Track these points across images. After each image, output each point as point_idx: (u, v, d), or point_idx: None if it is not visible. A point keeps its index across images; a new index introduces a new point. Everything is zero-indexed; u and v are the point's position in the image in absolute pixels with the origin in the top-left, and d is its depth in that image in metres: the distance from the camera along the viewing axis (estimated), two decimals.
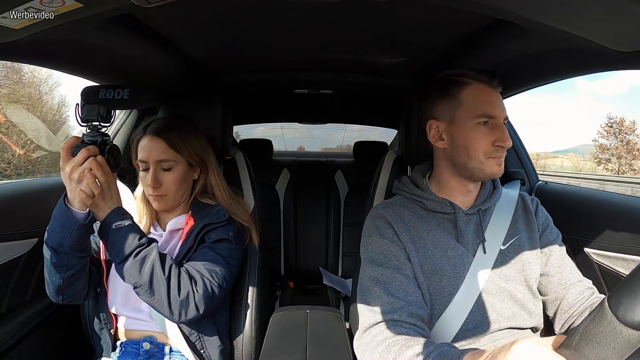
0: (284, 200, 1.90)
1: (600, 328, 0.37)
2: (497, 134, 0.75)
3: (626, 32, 0.61)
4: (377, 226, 0.80)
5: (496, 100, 0.78)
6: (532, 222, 0.82)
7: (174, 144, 0.90)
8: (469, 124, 0.76)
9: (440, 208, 0.79)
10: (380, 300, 0.71)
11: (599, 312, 0.38)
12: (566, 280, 0.78)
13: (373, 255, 0.77)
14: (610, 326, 0.37)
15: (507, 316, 0.74)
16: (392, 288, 0.71)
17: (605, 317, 0.37)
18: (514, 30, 0.76)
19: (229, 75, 1.34)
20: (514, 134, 1.37)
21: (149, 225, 0.96)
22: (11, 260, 0.92)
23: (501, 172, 0.77)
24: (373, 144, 2.19)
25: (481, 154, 0.76)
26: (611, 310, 0.37)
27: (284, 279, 1.90)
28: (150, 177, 0.88)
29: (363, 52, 1.12)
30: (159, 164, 0.89)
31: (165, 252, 0.90)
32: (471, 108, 0.76)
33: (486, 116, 0.76)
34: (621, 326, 0.36)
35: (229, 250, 0.89)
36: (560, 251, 0.81)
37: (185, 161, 0.92)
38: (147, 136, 0.90)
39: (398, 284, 0.72)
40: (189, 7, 0.77)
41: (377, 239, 0.79)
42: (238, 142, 2.13)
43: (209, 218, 0.90)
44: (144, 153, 0.89)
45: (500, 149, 0.75)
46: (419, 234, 0.78)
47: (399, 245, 0.77)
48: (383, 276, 0.73)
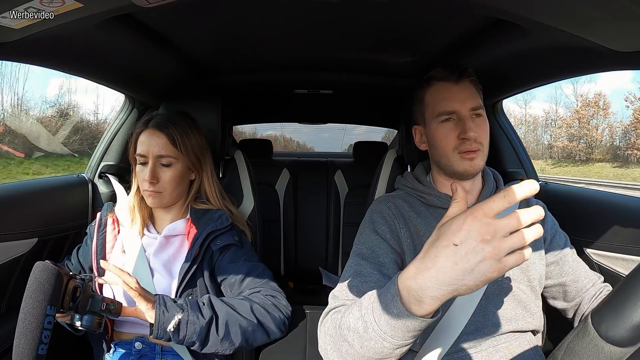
0: (284, 200, 1.90)
1: (583, 344, 0.38)
2: (461, 127, 0.75)
3: (626, 32, 0.61)
4: (373, 221, 0.80)
5: (456, 95, 0.77)
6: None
7: (175, 140, 0.88)
8: (434, 123, 0.79)
9: (442, 203, 0.79)
10: (352, 291, 0.70)
11: (583, 328, 0.38)
12: (582, 286, 0.78)
13: (362, 249, 0.77)
14: (593, 342, 0.37)
15: (509, 318, 0.73)
16: (368, 284, 0.70)
17: (588, 333, 0.38)
18: (514, 30, 0.76)
19: (229, 75, 1.34)
20: (512, 133, 1.37)
21: (142, 226, 0.93)
22: (11, 260, 0.92)
23: (474, 168, 0.76)
24: (373, 144, 2.19)
25: (449, 151, 0.76)
26: (594, 327, 0.38)
27: (284, 279, 1.89)
28: (149, 171, 0.87)
29: (363, 52, 1.12)
30: (158, 159, 0.88)
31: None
32: (433, 108, 0.79)
33: (445, 113, 0.77)
34: (603, 342, 0.37)
35: (248, 253, 0.92)
36: (572, 255, 0.81)
37: (184, 160, 0.91)
38: (149, 130, 0.89)
39: (375, 281, 0.70)
40: (189, 7, 0.77)
41: (369, 233, 0.78)
42: (238, 142, 2.13)
43: (212, 225, 0.89)
44: (144, 147, 0.88)
45: (467, 142, 0.75)
46: (417, 231, 0.78)
47: (390, 244, 0.76)
48: (364, 270, 0.72)
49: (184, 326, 0.72)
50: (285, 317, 0.86)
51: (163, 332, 0.71)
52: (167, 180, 0.89)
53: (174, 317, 0.71)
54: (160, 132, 0.88)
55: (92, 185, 1.21)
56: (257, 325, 0.80)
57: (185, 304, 0.75)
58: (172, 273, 0.88)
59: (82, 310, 0.70)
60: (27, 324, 0.61)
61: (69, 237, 1.10)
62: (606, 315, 0.37)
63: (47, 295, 0.62)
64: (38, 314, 0.61)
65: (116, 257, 0.91)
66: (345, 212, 1.87)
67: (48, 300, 0.62)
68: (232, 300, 0.81)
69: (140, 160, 0.89)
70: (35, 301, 0.62)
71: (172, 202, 0.93)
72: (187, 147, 0.90)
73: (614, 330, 0.36)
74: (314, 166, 2.14)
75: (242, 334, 0.77)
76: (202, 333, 0.74)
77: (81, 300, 0.69)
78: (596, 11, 0.56)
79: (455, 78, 0.77)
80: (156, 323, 0.71)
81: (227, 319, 0.77)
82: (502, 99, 1.33)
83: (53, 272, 0.64)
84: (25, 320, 0.61)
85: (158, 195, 0.89)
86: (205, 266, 0.88)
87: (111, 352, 0.88)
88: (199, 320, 0.74)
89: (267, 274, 0.91)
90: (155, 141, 0.88)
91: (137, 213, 0.93)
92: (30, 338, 0.61)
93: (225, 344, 0.76)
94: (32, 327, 0.61)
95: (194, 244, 0.87)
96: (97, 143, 1.35)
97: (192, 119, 0.97)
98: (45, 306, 0.62)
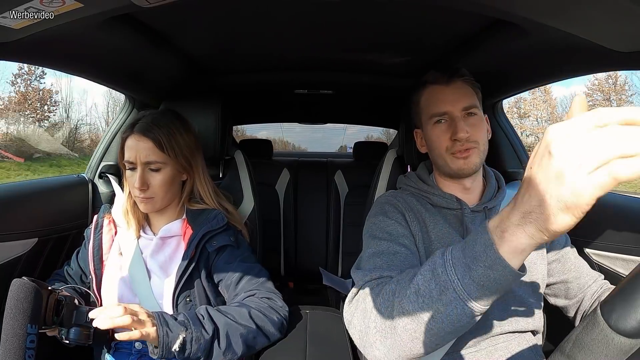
0: (284, 200, 1.90)
1: (592, 335, 0.37)
2: (453, 127, 0.76)
3: (626, 32, 0.61)
4: (385, 210, 0.78)
5: (447, 96, 0.78)
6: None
7: (162, 144, 0.86)
8: (428, 125, 0.80)
9: (447, 204, 0.79)
10: (382, 268, 0.62)
11: (592, 319, 0.38)
12: (584, 283, 0.79)
13: (377, 233, 0.73)
14: (603, 333, 0.37)
15: (510, 319, 0.73)
16: (396, 260, 0.64)
17: (598, 324, 0.37)
18: (514, 30, 0.76)
19: (229, 75, 1.34)
20: (512, 133, 1.37)
21: (138, 228, 0.93)
22: (11, 260, 0.92)
23: (469, 166, 0.76)
24: (373, 144, 2.18)
25: (443, 152, 0.78)
26: (603, 318, 0.37)
27: (284, 279, 1.89)
28: (138, 179, 0.85)
29: (363, 52, 1.12)
30: (146, 165, 0.86)
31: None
32: (426, 111, 0.81)
33: (436, 115, 0.78)
34: (613, 334, 0.36)
35: (244, 254, 0.91)
36: (573, 253, 0.82)
37: (173, 163, 0.88)
38: (134, 135, 0.86)
39: (403, 257, 0.64)
40: (189, 7, 0.77)
41: (383, 219, 0.75)
42: (238, 142, 2.13)
43: (207, 225, 0.88)
44: (132, 153, 0.85)
45: (458, 143, 0.75)
46: (425, 226, 0.77)
47: (407, 229, 0.74)
48: (388, 249, 0.66)
49: (189, 344, 0.70)
50: (283, 318, 0.85)
51: (168, 353, 0.69)
52: (158, 185, 0.87)
53: (178, 337, 0.69)
54: (146, 137, 0.85)
55: (92, 185, 1.21)
56: (257, 330, 0.79)
57: (187, 320, 0.73)
58: (169, 274, 0.87)
59: (68, 324, 0.68)
60: (9, 345, 0.58)
61: (69, 237, 1.10)
62: (616, 306, 0.37)
63: (27, 313, 0.60)
64: (19, 333, 0.59)
65: (113, 259, 0.91)
66: (346, 212, 1.87)
67: (28, 319, 0.60)
68: (229, 309, 0.80)
69: (128, 167, 0.87)
70: (15, 321, 0.59)
71: (164, 205, 0.91)
72: (174, 150, 0.87)
73: (624, 321, 0.36)
74: (314, 166, 2.14)
75: (243, 342, 0.77)
76: (207, 348, 0.73)
77: (65, 313, 0.67)
78: (596, 11, 0.56)
79: (446, 79, 0.78)
80: (160, 345, 0.68)
81: (227, 329, 0.76)
82: (502, 99, 1.33)
83: (30, 290, 0.62)
84: (7, 342, 0.58)
85: (150, 201, 0.87)
86: (202, 267, 0.87)
87: (111, 352, 0.88)
88: (202, 336, 0.72)
89: (264, 274, 0.90)
90: (141, 147, 0.85)
91: (130, 216, 0.92)
92: (14, 359, 0.58)
93: (228, 355, 0.75)
94: (14, 347, 0.58)
95: (190, 245, 0.86)
96: None
97: (180, 119, 0.93)
98: (26, 325, 0.60)
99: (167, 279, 0.87)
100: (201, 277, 0.87)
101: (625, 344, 0.36)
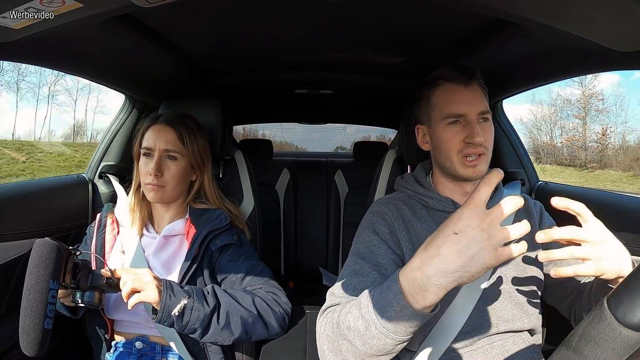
0: (284, 200, 1.90)
1: (599, 329, 0.37)
2: (468, 130, 0.75)
3: (626, 32, 0.61)
4: (373, 222, 0.80)
5: (465, 97, 0.76)
6: (533, 225, 0.81)
7: (183, 137, 0.91)
8: (440, 125, 0.78)
9: (442, 206, 0.79)
10: (349, 289, 0.69)
11: (599, 312, 0.38)
12: (579, 279, 0.78)
13: (360, 249, 0.76)
14: (610, 327, 0.37)
15: (506, 319, 0.73)
16: (365, 283, 0.69)
17: (605, 318, 0.37)
18: (514, 30, 0.75)
19: (229, 75, 1.34)
20: (512, 133, 1.37)
21: (141, 226, 0.94)
22: (11, 260, 0.92)
23: (477, 174, 0.75)
24: (373, 144, 2.18)
25: (454, 154, 0.76)
26: (610, 311, 0.37)
27: (284, 279, 1.89)
28: (154, 163, 0.88)
29: (363, 52, 1.12)
30: (164, 153, 0.89)
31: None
32: (441, 109, 0.78)
33: (453, 116, 0.76)
34: (620, 327, 0.36)
35: (247, 252, 0.92)
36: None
37: (189, 157, 0.92)
38: (158, 125, 0.91)
39: (372, 280, 0.69)
40: (189, 7, 0.77)
41: (368, 233, 0.78)
42: (238, 142, 2.13)
43: (210, 224, 0.89)
44: (151, 140, 0.89)
45: (471, 146, 0.75)
46: (417, 234, 0.77)
47: (389, 245, 0.76)
48: (362, 270, 0.71)
49: (189, 312, 0.73)
50: (285, 313, 0.86)
51: (167, 316, 0.71)
52: (171, 175, 0.90)
53: (179, 302, 0.72)
54: (170, 127, 0.90)
55: (92, 185, 1.21)
56: (257, 317, 0.81)
57: (191, 290, 0.76)
58: (172, 272, 0.88)
59: (84, 286, 0.71)
60: (31, 298, 0.62)
61: (69, 237, 1.10)
62: (624, 299, 0.37)
63: (49, 269, 0.64)
64: (42, 288, 0.62)
65: (115, 257, 0.91)
66: (346, 212, 1.87)
67: (50, 274, 0.64)
68: (235, 292, 0.82)
69: (145, 152, 0.90)
70: (38, 276, 0.63)
71: (172, 199, 0.93)
72: (192, 146, 0.92)
73: (632, 313, 0.36)
74: (314, 166, 2.14)
75: (242, 325, 0.78)
76: (205, 321, 0.74)
77: (81, 276, 0.70)
78: (596, 11, 0.56)
79: (465, 80, 0.77)
80: (162, 306, 0.70)
81: (229, 309, 0.78)
82: (503, 99, 1.33)
83: (53, 248, 0.65)
84: (29, 296, 0.62)
85: (160, 189, 0.89)
86: (205, 266, 0.88)
87: (111, 352, 0.88)
88: (203, 308, 0.74)
89: (267, 272, 0.91)
90: (163, 136, 0.90)
91: (136, 212, 0.94)
92: (36, 312, 0.62)
93: (225, 334, 0.77)
94: (36, 301, 0.62)
95: (193, 244, 0.87)
96: None
97: (198, 122, 0.99)
98: (48, 280, 0.63)
99: (169, 277, 0.87)
100: (204, 275, 0.88)
101: (632, 337, 0.36)
